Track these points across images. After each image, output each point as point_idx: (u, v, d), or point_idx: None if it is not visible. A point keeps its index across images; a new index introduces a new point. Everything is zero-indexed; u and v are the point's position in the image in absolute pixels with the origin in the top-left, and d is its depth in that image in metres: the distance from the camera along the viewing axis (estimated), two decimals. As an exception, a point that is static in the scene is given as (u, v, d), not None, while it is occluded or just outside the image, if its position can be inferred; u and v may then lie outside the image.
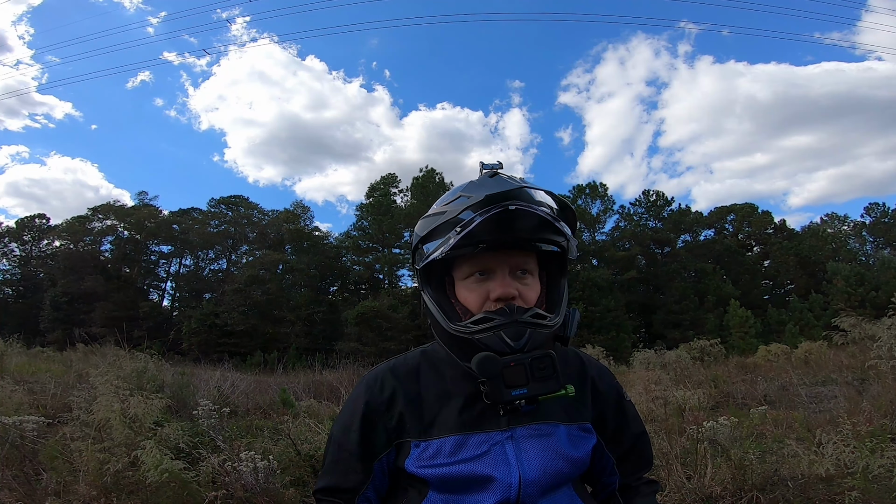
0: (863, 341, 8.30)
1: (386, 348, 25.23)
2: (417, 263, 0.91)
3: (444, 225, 0.83)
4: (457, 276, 0.90)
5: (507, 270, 0.86)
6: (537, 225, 0.82)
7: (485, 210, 0.79)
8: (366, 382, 0.95)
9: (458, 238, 0.80)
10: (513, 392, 0.78)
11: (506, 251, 0.85)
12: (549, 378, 0.79)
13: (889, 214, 40.01)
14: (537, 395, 0.79)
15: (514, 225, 0.81)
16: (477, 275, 0.87)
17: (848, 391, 5.90)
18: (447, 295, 0.91)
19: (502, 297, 0.84)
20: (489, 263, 0.86)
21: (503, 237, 0.82)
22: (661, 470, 3.29)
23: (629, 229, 37.07)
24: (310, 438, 3.96)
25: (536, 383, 0.78)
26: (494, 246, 0.84)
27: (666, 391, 6.76)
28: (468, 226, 0.79)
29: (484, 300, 0.86)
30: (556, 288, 0.93)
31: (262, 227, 41.03)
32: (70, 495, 2.80)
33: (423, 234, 0.88)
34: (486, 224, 0.79)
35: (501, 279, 0.85)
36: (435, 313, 0.87)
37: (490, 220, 0.78)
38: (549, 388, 0.79)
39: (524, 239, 0.84)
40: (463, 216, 0.80)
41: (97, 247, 40.18)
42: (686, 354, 12.42)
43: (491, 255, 0.85)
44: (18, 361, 8.86)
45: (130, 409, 3.50)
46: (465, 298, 0.88)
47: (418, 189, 36.71)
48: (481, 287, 0.86)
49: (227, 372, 10.77)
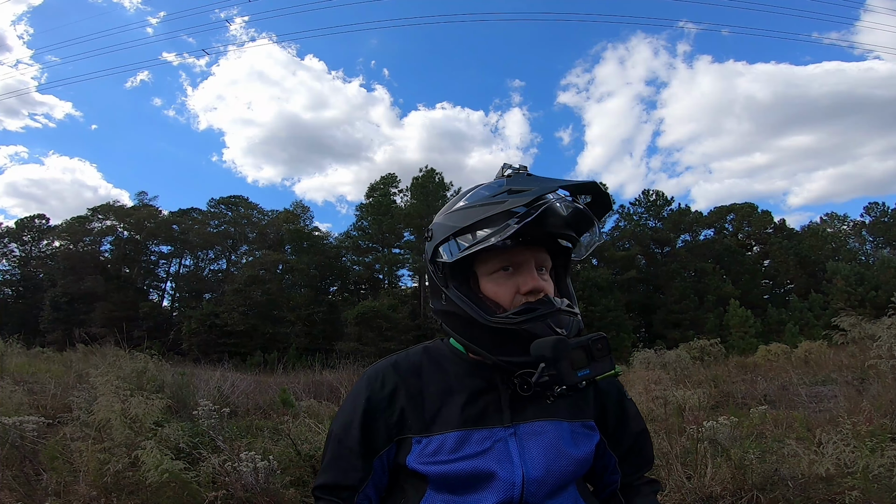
0: (863, 341, 8.28)
1: (386, 348, 25.21)
2: (447, 256, 0.89)
3: (499, 215, 0.82)
4: (482, 272, 0.90)
5: (533, 265, 0.88)
6: (573, 220, 0.86)
7: (541, 203, 0.82)
8: (367, 378, 0.95)
9: (519, 227, 0.80)
10: (578, 373, 0.79)
11: (533, 247, 0.88)
12: (605, 358, 0.81)
13: (889, 214, 40.01)
14: (597, 375, 0.81)
15: (556, 220, 0.84)
16: (503, 270, 0.88)
17: (848, 391, 5.90)
18: (473, 290, 0.90)
19: (534, 290, 0.86)
20: (518, 258, 0.88)
21: (546, 231, 0.86)
22: (661, 469, 3.29)
23: (629, 229, 37.07)
24: (310, 438, 3.96)
25: (597, 364, 0.80)
26: (526, 241, 0.87)
27: (666, 391, 6.75)
28: (526, 217, 0.81)
29: (514, 293, 0.87)
30: (564, 284, 0.96)
31: (261, 227, 41.03)
32: (70, 495, 2.79)
33: (463, 225, 0.86)
34: (541, 217, 0.82)
35: (531, 273, 0.87)
36: (467, 308, 0.86)
37: (546, 212, 0.82)
38: (606, 367, 0.81)
39: (557, 234, 0.88)
40: (518, 209, 0.82)
41: (97, 247, 40.17)
42: (686, 354, 12.40)
43: (520, 250, 0.88)
44: (18, 362, 8.84)
45: (130, 410, 3.50)
46: (494, 293, 0.88)
47: (418, 189, 36.68)
48: (510, 281, 0.88)
49: (227, 372, 10.75)
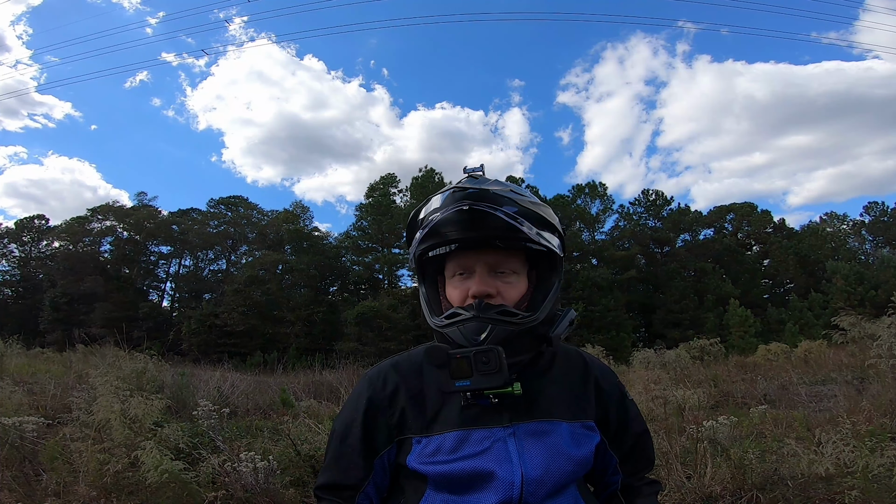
0: (862, 340, 8.30)
1: (386, 348, 25.21)
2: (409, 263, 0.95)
3: (412, 225, 0.92)
4: (447, 275, 0.95)
5: (485, 269, 0.89)
6: (500, 225, 0.84)
7: (443, 211, 0.84)
8: (368, 378, 0.96)
9: (422, 235, 0.88)
10: (457, 384, 0.80)
11: (482, 251, 0.88)
12: (492, 372, 0.79)
13: (888, 213, 40.06)
14: (480, 389, 0.80)
15: (475, 224, 0.84)
16: (459, 274, 0.91)
17: (848, 390, 5.89)
18: (438, 292, 0.96)
19: (477, 295, 0.87)
20: (468, 263, 0.90)
21: (469, 236, 0.86)
22: (661, 469, 3.29)
23: (629, 229, 37.08)
24: (310, 439, 3.95)
25: (480, 376, 0.79)
26: (468, 245, 0.88)
27: (666, 390, 6.75)
28: (426, 226, 0.87)
29: (464, 297, 0.89)
30: (543, 287, 0.93)
31: (261, 227, 41.00)
32: (70, 496, 2.79)
33: (406, 236, 0.95)
34: (445, 224, 0.85)
35: (479, 277, 0.88)
36: (423, 307, 0.95)
37: (447, 220, 0.84)
38: (492, 382, 0.79)
39: (491, 237, 0.87)
40: (432, 218, 0.86)
41: (96, 247, 40.17)
42: (686, 354, 12.41)
43: (469, 254, 0.89)
44: (18, 362, 8.85)
45: (130, 410, 3.50)
46: (450, 295, 0.93)
47: (418, 189, 36.69)
48: (463, 285, 0.90)
49: (226, 372, 10.77)
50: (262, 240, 40.03)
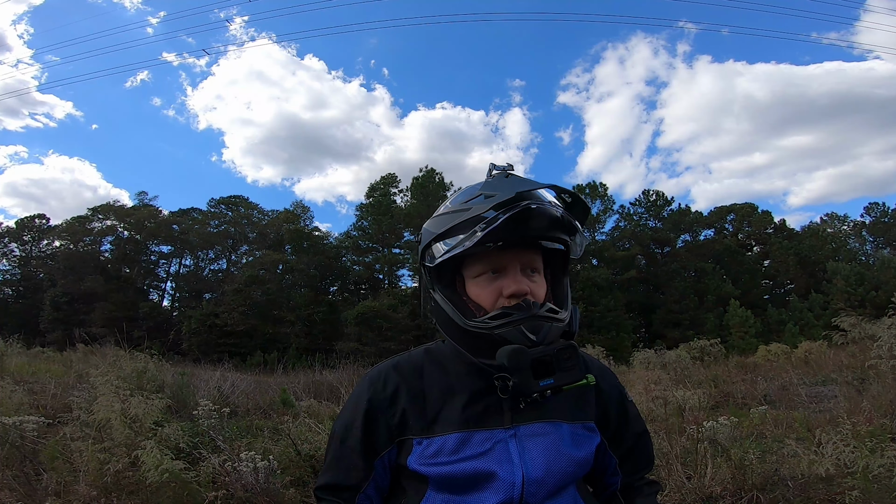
0: (863, 341, 8.30)
1: (386, 348, 25.22)
2: (428, 261, 0.91)
3: (467, 222, 0.84)
4: (468, 275, 0.91)
5: (518, 268, 0.88)
6: (551, 223, 0.85)
7: (510, 208, 0.81)
8: (369, 379, 0.95)
9: (484, 234, 0.81)
10: (541, 383, 0.80)
11: (518, 249, 0.88)
12: (572, 368, 0.81)
13: (889, 214, 40.03)
14: (563, 385, 0.81)
15: (532, 224, 0.84)
16: (490, 273, 0.88)
17: (848, 391, 5.90)
18: (458, 293, 0.92)
19: (516, 294, 0.85)
20: (502, 261, 0.88)
21: (521, 235, 0.85)
22: (662, 470, 3.29)
23: (629, 229, 37.07)
24: (310, 438, 3.96)
25: (562, 373, 0.81)
26: (509, 244, 0.86)
27: (666, 391, 6.75)
28: (493, 223, 0.81)
29: (497, 297, 0.87)
30: (560, 285, 0.95)
31: (261, 227, 41.03)
32: (70, 495, 2.79)
33: (439, 231, 0.88)
34: (508, 222, 0.81)
35: (514, 276, 0.87)
36: (448, 311, 0.88)
37: (513, 218, 0.81)
38: (573, 377, 0.81)
39: (537, 237, 0.87)
40: (487, 214, 0.82)
41: (97, 247, 40.18)
42: (686, 354, 12.42)
43: (504, 253, 0.87)
44: (18, 362, 8.86)
45: (131, 410, 3.50)
46: (476, 296, 0.89)
47: (418, 189, 36.70)
48: (493, 284, 0.88)
49: (227, 372, 10.74)
50: (263, 240, 40.05)
